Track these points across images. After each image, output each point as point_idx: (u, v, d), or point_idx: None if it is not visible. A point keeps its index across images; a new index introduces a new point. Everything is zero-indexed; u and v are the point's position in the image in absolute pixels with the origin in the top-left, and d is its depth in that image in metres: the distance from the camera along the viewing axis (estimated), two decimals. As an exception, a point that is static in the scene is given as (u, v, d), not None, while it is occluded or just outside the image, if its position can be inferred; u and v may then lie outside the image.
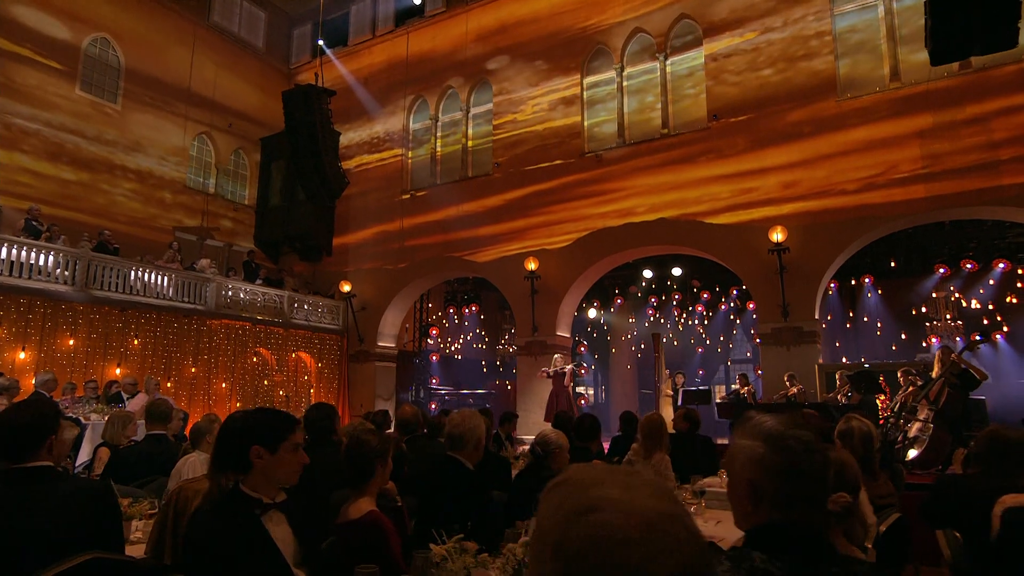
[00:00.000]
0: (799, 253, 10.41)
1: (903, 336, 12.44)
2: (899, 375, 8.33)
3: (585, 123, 13.15)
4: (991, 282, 11.23)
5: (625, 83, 12.90)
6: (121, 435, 5.48)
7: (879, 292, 12.29)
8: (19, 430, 2.17)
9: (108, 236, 12.11)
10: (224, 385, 12.28)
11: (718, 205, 11.34)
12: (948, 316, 11.39)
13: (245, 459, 2.01)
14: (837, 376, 9.36)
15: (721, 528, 3.24)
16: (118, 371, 11.10)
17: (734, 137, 11.36)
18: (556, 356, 11.19)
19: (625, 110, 12.78)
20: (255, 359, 12.98)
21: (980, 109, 9.47)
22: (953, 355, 7.05)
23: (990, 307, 11.40)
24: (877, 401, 8.73)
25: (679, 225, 11.65)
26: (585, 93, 13.25)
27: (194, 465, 4.03)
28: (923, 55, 9.98)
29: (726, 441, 8.63)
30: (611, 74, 13.02)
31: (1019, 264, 10.94)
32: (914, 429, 7.00)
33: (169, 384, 11.34)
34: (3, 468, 2.16)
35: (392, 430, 4.95)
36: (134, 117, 14.21)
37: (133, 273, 11.57)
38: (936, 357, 7.33)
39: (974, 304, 11.49)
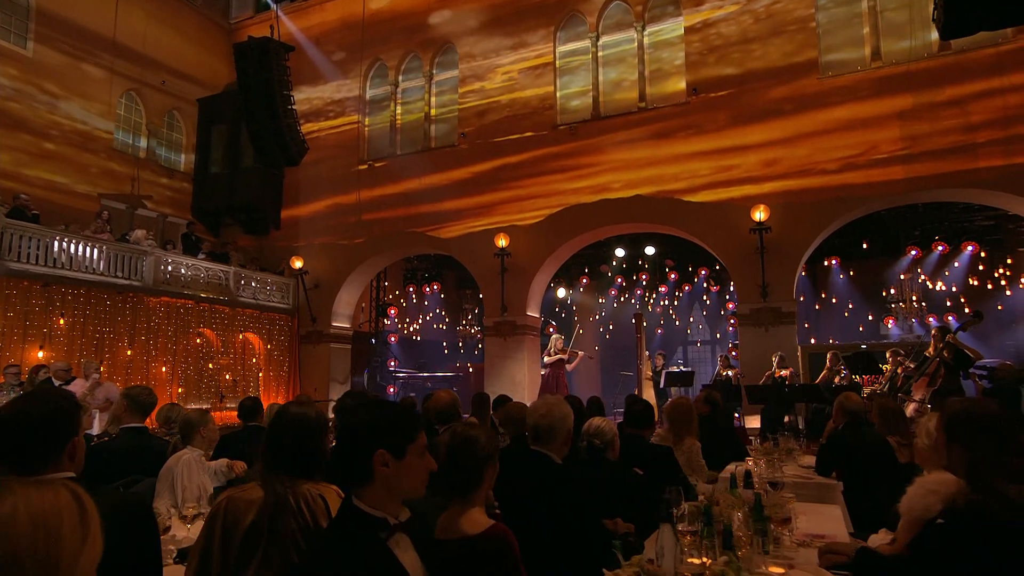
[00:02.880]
0: (779, 233, 10.44)
1: (870, 317, 12.82)
2: (888, 356, 8.47)
3: (558, 94, 12.75)
4: (956, 264, 11.67)
5: (600, 53, 12.57)
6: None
7: (851, 273, 12.58)
8: (34, 431, 1.63)
9: (25, 200, 10.86)
10: (164, 369, 11.33)
11: (697, 182, 11.24)
12: (914, 298, 11.77)
13: (366, 467, 1.56)
14: (828, 357, 9.46)
15: (812, 523, 2.99)
16: (40, 354, 10.02)
17: (714, 112, 11.25)
18: (554, 337, 10.87)
19: (600, 81, 12.46)
20: (198, 340, 12.04)
21: (959, 91, 9.67)
22: (949, 335, 7.16)
23: (953, 289, 11.85)
24: (858, 381, 8.87)
25: (656, 202, 11.49)
26: (558, 62, 12.84)
27: (189, 463, 3.49)
28: (905, 35, 10.18)
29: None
30: (586, 43, 12.66)
31: (985, 247, 11.39)
32: (910, 409, 7.08)
33: (102, 368, 10.31)
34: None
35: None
36: (49, 66, 12.75)
37: (57, 244, 10.43)
38: (932, 336, 7.44)
39: (939, 287, 11.91)
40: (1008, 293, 11.46)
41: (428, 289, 15.25)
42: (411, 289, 15.62)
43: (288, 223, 14.74)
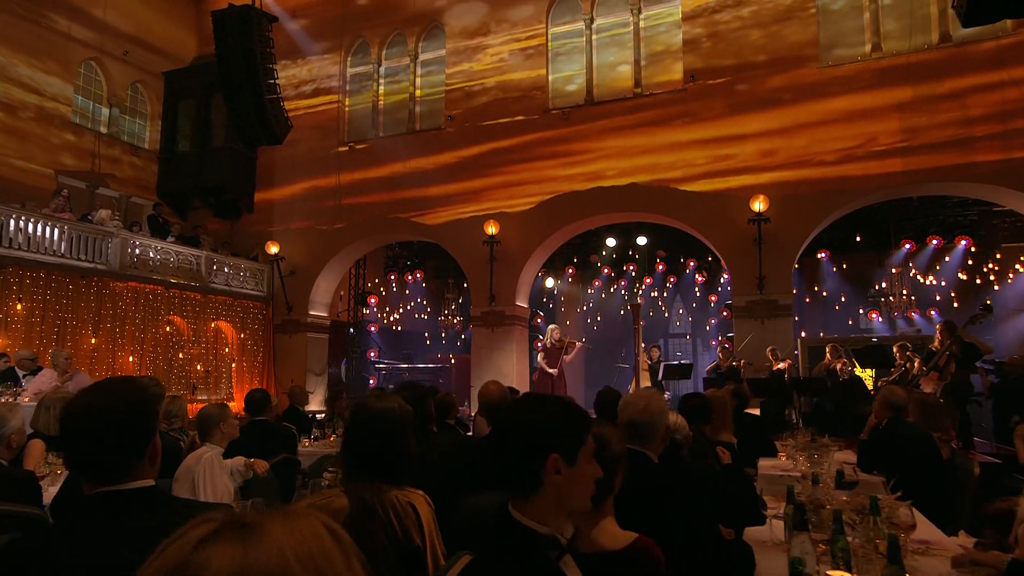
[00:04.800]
0: (776, 224, 10.39)
1: (861, 311, 12.97)
2: (895, 350, 8.51)
3: (550, 77, 12.50)
4: (947, 259, 11.86)
5: (594, 36, 12.35)
6: (58, 423, 4.40)
7: (844, 267, 12.68)
8: (117, 431, 1.34)
9: (-24, 176, 10.15)
10: (131, 358, 10.76)
11: (693, 172, 11.14)
12: (904, 292, 11.93)
13: (535, 475, 1.31)
14: (828, 350, 9.48)
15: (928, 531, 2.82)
16: (-7, 342, 9.39)
17: (711, 100, 11.16)
18: (551, 327, 10.65)
19: (594, 65, 12.25)
20: (168, 328, 11.47)
21: (958, 84, 9.76)
22: (959, 328, 7.20)
23: (942, 284, 12.05)
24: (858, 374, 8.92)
25: (651, 191, 11.36)
26: (550, 44, 12.58)
27: (211, 463, 3.18)
28: (905, 26, 10.24)
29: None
30: (579, 25, 12.42)
31: (976, 242, 11.60)
32: (920, 403, 7.09)
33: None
34: (92, 494, 1.34)
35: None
36: (-1, 29, 11.92)
37: (13, 222, 9.76)
38: (938, 331, 7.48)
39: (930, 280, 12.10)
40: (996, 288, 11.71)
41: (411, 277, 14.86)
42: (392, 277, 15.21)
43: (262, 206, 14.17)
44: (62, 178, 12.69)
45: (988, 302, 9.62)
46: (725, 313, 12.55)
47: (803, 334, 12.31)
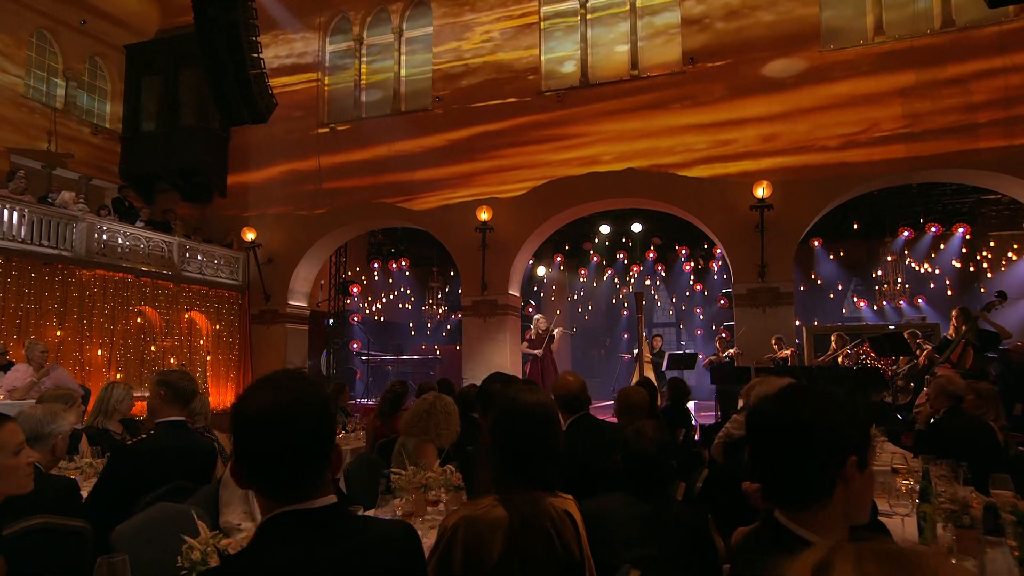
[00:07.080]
0: (777, 211, 10.39)
1: (855, 299, 13.13)
2: (905, 336, 8.56)
3: (543, 57, 12.25)
4: (943, 247, 12.06)
5: (589, 15, 12.14)
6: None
7: (841, 254, 12.80)
8: (320, 436, 1.09)
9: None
10: (100, 352, 10.19)
11: (692, 157, 11.06)
12: (899, 280, 12.10)
13: (828, 481, 1.11)
14: (833, 338, 9.51)
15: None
16: (-52, 334, 8.77)
17: (711, 83, 11.07)
18: (537, 317, 10.46)
19: (589, 46, 12.05)
20: (139, 319, 10.91)
21: (961, 70, 9.85)
22: (978, 313, 7.26)
23: (936, 272, 12.26)
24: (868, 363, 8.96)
25: (649, 176, 11.25)
26: (543, 23, 12.32)
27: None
28: (908, 8, 10.31)
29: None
30: (573, 3, 12.20)
31: (971, 230, 11.82)
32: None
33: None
34: (277, 514, 1.08)
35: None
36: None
37: (-33, 205, 9.12)
38: (952, 317, 7.53)
39: (925, 268, 12.29)
40: (989, 276, 11.96)
41: (394, 266, 14.48)
42: (375, 265, 14.79)
43: (236, 190, 13.60)
44: (15, 157, 11.96)
45: (983, 289, 9.83)
46: (722, 302, 12.56)
47: (797, 322, 12.40)
